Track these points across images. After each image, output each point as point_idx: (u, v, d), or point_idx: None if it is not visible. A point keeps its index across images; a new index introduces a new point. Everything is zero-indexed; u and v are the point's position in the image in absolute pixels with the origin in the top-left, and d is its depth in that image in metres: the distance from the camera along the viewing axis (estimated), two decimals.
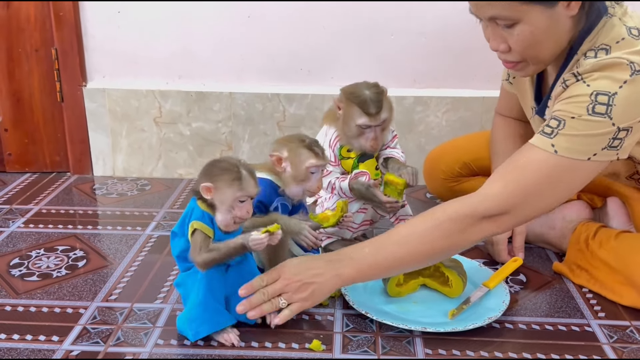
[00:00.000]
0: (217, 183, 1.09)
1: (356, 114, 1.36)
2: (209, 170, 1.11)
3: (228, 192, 1.09)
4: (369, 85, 1.39)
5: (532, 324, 1.23)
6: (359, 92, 1.37)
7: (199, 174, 1.13)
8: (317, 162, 1.24)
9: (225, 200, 1.09)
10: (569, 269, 1.39)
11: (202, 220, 1.10)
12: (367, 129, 1.37)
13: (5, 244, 1.56)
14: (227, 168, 1.09)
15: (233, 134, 1.99)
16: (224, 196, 1.09)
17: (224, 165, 1.10)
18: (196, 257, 1.09)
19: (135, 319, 1.23)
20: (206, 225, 1.10)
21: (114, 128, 2.00)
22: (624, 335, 1.19)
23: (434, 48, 1.89)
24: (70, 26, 1.90)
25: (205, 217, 1.10)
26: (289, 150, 1.25)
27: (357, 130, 1.37)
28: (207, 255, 1.09)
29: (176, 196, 1.89)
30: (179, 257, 1.16)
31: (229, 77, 1.97)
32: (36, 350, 1.13)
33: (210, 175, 1.10)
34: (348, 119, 1.37)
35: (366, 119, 1.35)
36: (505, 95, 1.55)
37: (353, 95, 1.37)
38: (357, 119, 1.36)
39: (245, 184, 1.09)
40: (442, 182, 1.70)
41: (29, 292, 1.33)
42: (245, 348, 1.14)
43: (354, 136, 1.39)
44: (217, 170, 1.10)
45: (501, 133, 1.56)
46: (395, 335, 1.18)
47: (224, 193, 1.09)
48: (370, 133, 1.38)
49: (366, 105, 1.34)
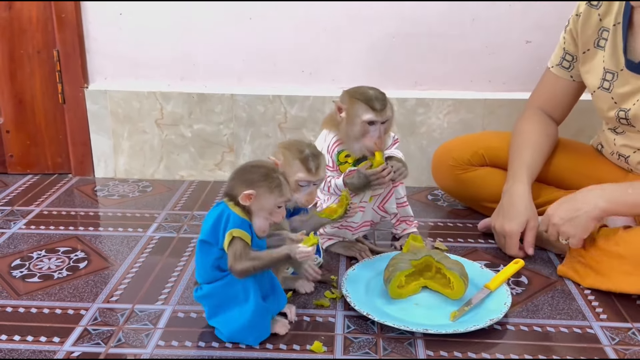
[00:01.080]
0: (259, 190, 1.08)
1: (362, 110, 1.36)
2: (248, 177, 1.09)
3: (270, 199, 1.08)
4: (370, 87, 1.41)
5: (534, 325, 1.22)
6: (364, 90, 1.39)
7: (234, 179, 1.11)
8: (305, 177, 1.23)
9: (266, 207, 1.09)
10: (573, 270, 1.39)
11: (242, 227, 1.08)
12: (372, 126, 1.37)
13: (7, 245, 1.56)
14: (268, 174, 1.09)
15: (234, 135, 1.99)
16: (265, 203, 1.09)
17: (264, 171, 1.09)
18: (236, 265, 1.07)
19: (136, 320, 1.23)
20: (246, 232, 1.08)
21: (116, 130, 2.01)
22: (625, 337, 1.19)
23: (435, 50, 1.90)
24: (72, 28, 1.91)
25: (245, 224, 1.09)
26: (284, 157, 1.24)
27: (362, 128, 1.37)
28: (249, 263, 1.07)
29: (177, 198, 1.89)
30: (212, 267, 1.12)
31: (230, 79, 1.97)
32: (37, 351, 1.13)
33: (250, 181, 1.08)
34: (353, 117, 1.38)
35: (372, 114, 1.36)
36: (549, 83, 1.60)
37: (358, 93, 1.38)
38: (363, 115, 1.36)
39: (285, 190, 1.10)
40: (450, 170, 1.69)
41: (30, 293, 1.33)
42: (246, 350, 1.14)
43: (358, 136, 1.39)
44: (258, 176, 1.09)
45: (530, 126, 1.59)
46: (397, 336, 1.18)
47: (265, 200, 1.08)
48: (375, 131, 1.38)
49: (372, 101, 1.36)
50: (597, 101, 1.51)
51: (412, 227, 1.57)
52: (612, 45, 1.43)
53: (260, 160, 1.15)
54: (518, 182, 1.50)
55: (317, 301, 1.29)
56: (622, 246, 1.31)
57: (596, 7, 1.45)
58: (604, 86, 1.46)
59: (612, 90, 1.44)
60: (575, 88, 1.59)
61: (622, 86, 1.42)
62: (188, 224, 1.70)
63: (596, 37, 1.47)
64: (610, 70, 1.44)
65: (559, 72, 1.57)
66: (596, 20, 1.46)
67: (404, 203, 1.54)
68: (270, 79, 1.96)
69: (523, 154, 1.54)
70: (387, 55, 1.91)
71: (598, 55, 1.47)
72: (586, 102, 1.65)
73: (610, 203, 1.33)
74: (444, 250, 1.53)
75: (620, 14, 1.40)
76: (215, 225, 1.10)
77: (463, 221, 1.72)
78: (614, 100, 1.45)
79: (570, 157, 1.63)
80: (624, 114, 1.43)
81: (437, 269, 1.31)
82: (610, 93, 1.45)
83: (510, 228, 1.46)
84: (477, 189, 1.68)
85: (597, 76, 1.47)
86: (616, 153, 1.52)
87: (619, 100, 1.44)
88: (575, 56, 1.54)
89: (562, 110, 1.63)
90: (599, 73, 1.46)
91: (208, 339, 1.17)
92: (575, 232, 1.35)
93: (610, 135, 1.52)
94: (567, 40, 1.54)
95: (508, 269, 1.37)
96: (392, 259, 1.32)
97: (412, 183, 1.97)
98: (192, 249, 1.54)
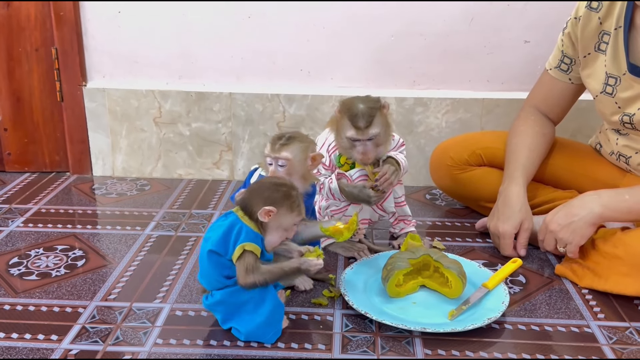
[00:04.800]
0: (281, 209, 1.10)
1: (346, 126, 1.36)
2: (270, 195, 1.10)
3: (289, 217, 1.11)
4: (367, 100, 1.37)
5: (532, 324, 1.23)
6: (353, 105, 1.36)
7: (253, 194, 1.11)
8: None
9: (284, 224, 1.11)
10: (571, 270, 1.39)
11: (256, 241, 1.09)
12: (357, 142, 1.37)
13: (5, 243, 1.56)
14: (289, 194, 1.11)
15: (233, 134, 1.99)
16: (284, 221, 1.11)
17: (285, 190, 1.11)
18: (245, 279, 1.09)
19: (134, 319, 1.23)
20: (258, 246, 1.10)
21: (114, 128, 2.00)
22: (623, 337, 1.19)
23: (434, 49, 1.90)
24: (70, 26, 1.90)
25: (258, 238, 1.10)
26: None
27: (347, 142, 1.38)
28: (259, 277, 1.09)
29: (175, 196, 1.89)
30: (223, 275, 1.12)
31: (229, 78, 1.97)
32: (35, 349, 1.13)
33: (272, 200, 1.09)
34: (340, 130, 1.38)
35: (354, 132, 1.35)
36: (546, 84, 1.60)
37: (346, 108, 1.36)
38: (347, 132, 1.36)
39: (302, 209, 1.13)
40: (448, 170, 1.69)
41: (28, 291, 1.33)
42: (244, 348, 1.14)
43: (346, 147, 1.39)
44: (280, 195, 1.10)
45: (527, 127, 1.59)
46: (395, 335, 1.18)
47: (284, 218, 1.11)
48: (360, 147, 1.37)
49: (355, 119, 1.34)
50: (600, 106, 1.49)
51: (410, 226, 1.57)
52: (613, 49, 1.41)
53: (280, 178, 1.17)
54: (513, 184, 1.50)
55: (316, 300, 1.29)
56: (620, 248, 1.31)
57: (596, 10, 1.43)
58: (606, 91, 1.44)
59: (616, 95, 1.43)
60: (573, 90, 1.58)
61: (626, 90, 1.41)
62: (186, 222, 1.70)
63: (597, 41, 1.45)
64: (612, 74, 1.43)
65: (557, 75, 1.57)
66: (596, 24, 1.44)
67: (402, 202, 1.54)
68: (269, 78, 1.96)
69: (519, 155, 1.54)
70: (385, 54, 1.91)
71: (599, 60, 1.46)
72: (584, 101, 1.65)
73: (606, 209, 1.33)
74: (441, 249, 1.53)
75: (621, 17, 1.39)
76: (226, 236, 1.10)
77: (461, 220, 1.73)
78: (618, 105, 1.44)
79: (567, 157, 1.63)
80: (628, 118, 1.42)
81: (435, 267, 1.31)
82: (614, 98, 1.43)
83: (504, 229, 1.46)
84: (475, 188, 1.68)
85: (599, 80, 1.45)
86: (616, 153, 1.52)
87: (623, 105, 1.43)
88: (574, 59, 1.53)
89: (560, 111, 1.63)
90: (600, 77, 1.45)
91: (206, 337, 1.17)
92: (573, 238, 1.35)
93: (613, 136, 1.52)
94: (565, 43, 1.52)
95: (506, 268, 1.37)
96: (390, 257, 1.32)
97: (410, 182, 1.97)
98: (191, 248, 1.54)
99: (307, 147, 1.26)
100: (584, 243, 1.37)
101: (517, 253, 1.48)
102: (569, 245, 1.36)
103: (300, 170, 1.25)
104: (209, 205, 1.83)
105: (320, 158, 1.28)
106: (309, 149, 1.26)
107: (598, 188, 1.41)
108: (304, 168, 1.26)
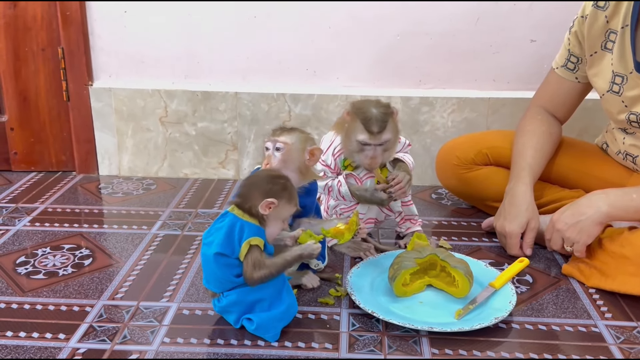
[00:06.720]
0: (281, 200, 1.12)
1: (358, 129, 1.36)
2: (269, 188, 1.12)
3: (287, 208, 1.14)
4: (379, 104, 1.37)
5: (539, 324, 1.22)
6: (366, 108, 1.36)
7: (251, 189, 1.13)
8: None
9: (282, 215, 1.14)
10: (578, 270, 1.39)
11: (259, 235, 1.11)
12: (367, 146, 1.37)
13: (11, 243, 1.56)
14: (286, 186, 1.13)
15: (238, 134, 1.99)
16: (283, 212, 1.14)
17: (283, 182, 1.13)
18: (253, 274, 1.10)
19: (141, 317, 1.23)
20: (262, 239, 1.11)
21: (120, 127, 2.01)
22: (630, 336, 1.19)
23: (439, 48, 1.89)
24: (76, 26, 1.91)
25: (261, 232, 1.12)
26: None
27: (357, 145, 1.37)
28: (265, 271, 1.10)
29: (181, 196, 1.89)
30: (234, 275, 1.13)
31: (234, 77, 1.97)
32: (43, 348, 1.14)
33: (272, 192, 1.11)
34: (350, 132, 1.38)
35: (366, 136, 1.35)
36: (553, 84, 1.59)
37: (359, 111, 1.36)
38: (358, 135, 1.36)
39: (297, 200, 1.16)
40: (454, 169, 1.69)
41: (35, 290, 1.34)
42: (251, 347, 1.14)
43: (354, 150, 1.39)
44: (278, 187, 1.12)
45: (533, 126, 1.58)
46: (402, 334, 1.18)
47: (284, 209, 1.13)
48: (370, 151, 1.37)
49: (369, 123, 1.34)
50: (606, 104, 1.49)
51: (417, 226, 1.57)
52: (620, 47, 1.41)
53: (273, 171, 1.19)
54: (520, 183, 1.50)
55: (322, 299, 1.29)
56: (627, 247, 1.31)
57: (603, 9, 1.43)
58: (613, 89, 1.44)
59: (622, 94, 1.43)
60: (580, 89, 1.58)
61: (632, 89, 1.41)
62: (192, 221, 1.70)
63: (603, 40, 1.45)
64: (619, 73, 1.42)
65: (564, 74, 1.56)
66: (603, 23, 1.44)
67: (409, 202, 1.54)
68: (275, 77, 1.96)
69: (525, 155, 1.54)
70: (391, 53, 1.91)
71: (606, 58, 1.45)
72: (590, 101, 1.65)
73: (613, 208, 1.33)
74: (448, 248, 1.53)
75: (628, 16, 1.38)
76: (229, 236, 1.11)
77: (467, 220, 1.72)
78: (625, 104, 1.43)
79: (574, 156, 1.63)
80: (635, 117, 1.42)
81: (441, 267, 1.31)
82: (621, 96, 1.43)
83: (511, 228, 1.46)
84: (481, 188, 1.68)
85: (606, 79, 1.45)
86: (623, 152, 1.52)
87: (630, 104, 1.43)
88: (581, 58, 1.53)
89: (567, 110, 1.63)
90: (607, 76, 1.45)
91: (213, 336, 1.17)
92: (580, 237, 1.35)
93: (620, 135, 1.52)
94: (571, 42, 1.52)
95: (513, 268, 1.36)
96: (397, 257, 1.32)
97: (416, 182, 1.97)
98: (197, 247, 1.54)
99: (306, 139, 1.27)
100: (591, 242, 1.37)
101: (523, 253, 1.48)
102: (576, 245, 1.36)
103: (296, 160, 1.26)
104: (215, 204, 1.83)
105: (319, 153, 1.28)
106: (308, 141, 1.27)
107: (605, 187, 1.40)
108: (301, 159, 1.26)
